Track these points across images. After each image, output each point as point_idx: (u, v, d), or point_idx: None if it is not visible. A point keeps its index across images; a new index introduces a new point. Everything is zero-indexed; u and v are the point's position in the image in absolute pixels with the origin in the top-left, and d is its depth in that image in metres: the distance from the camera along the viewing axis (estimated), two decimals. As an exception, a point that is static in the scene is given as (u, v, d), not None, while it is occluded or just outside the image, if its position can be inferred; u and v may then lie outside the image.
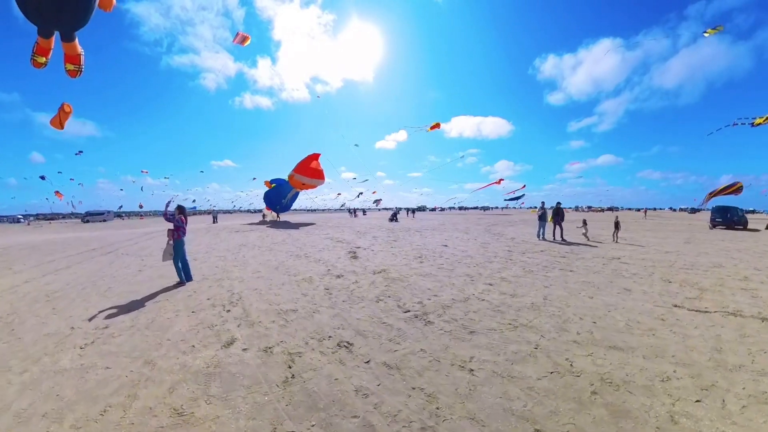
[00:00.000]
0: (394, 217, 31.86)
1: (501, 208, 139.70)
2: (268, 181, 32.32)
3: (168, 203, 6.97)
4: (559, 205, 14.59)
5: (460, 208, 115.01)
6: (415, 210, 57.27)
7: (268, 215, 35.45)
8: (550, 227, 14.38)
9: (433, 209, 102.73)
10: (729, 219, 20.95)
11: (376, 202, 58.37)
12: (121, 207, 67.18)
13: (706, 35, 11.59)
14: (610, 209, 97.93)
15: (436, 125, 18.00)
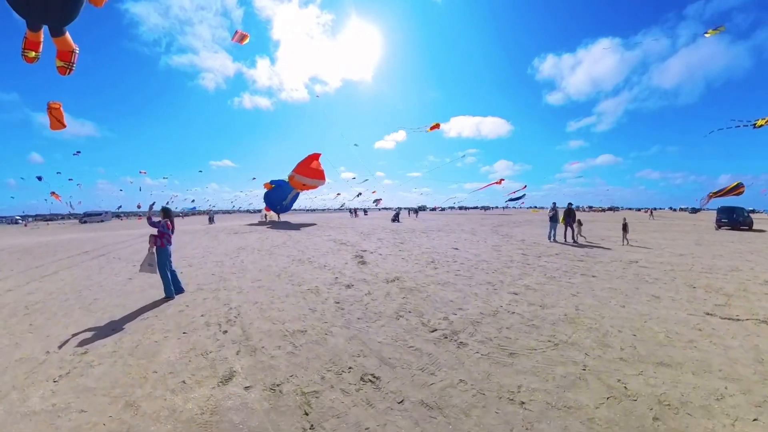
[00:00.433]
0: (396, 217, 31.32)
1: (501, 207, 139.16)
2: (268, 182, 31.69)
3: (152, 205, 6.18)
4: (570, 206, 14.07)
5: (461, 208, 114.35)
6: (418, 210, 56.67)
7: (268, 215, 34.84)
8: (561, 228, 13.87)
9: (433, 209, 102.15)
10: (735, 219, 20.45)
11: (376, 201, 57.87)
12: (120, 207, 66.52)
13: (707, 36, 11.13)
14: (610, 209, 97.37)
15: (436, 126, 17.58)
